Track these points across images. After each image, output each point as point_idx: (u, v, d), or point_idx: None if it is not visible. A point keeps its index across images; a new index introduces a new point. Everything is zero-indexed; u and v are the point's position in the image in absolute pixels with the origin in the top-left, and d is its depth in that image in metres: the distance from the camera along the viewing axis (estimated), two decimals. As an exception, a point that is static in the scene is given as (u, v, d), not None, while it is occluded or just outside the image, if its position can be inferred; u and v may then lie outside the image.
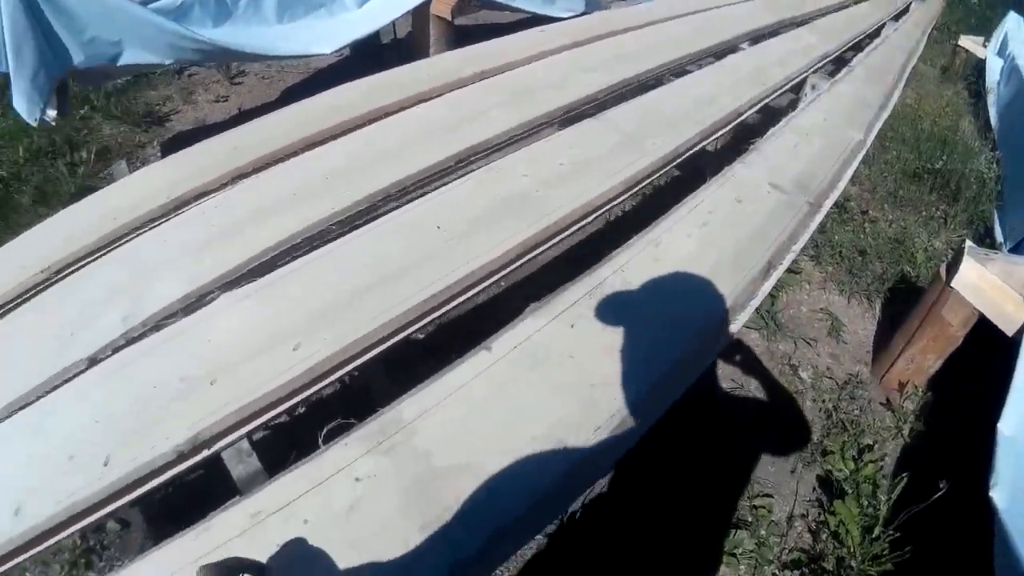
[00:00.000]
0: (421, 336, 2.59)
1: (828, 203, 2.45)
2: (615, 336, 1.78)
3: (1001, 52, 7.63)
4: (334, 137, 2.52)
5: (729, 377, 2.84)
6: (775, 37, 4.42)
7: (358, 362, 1.77)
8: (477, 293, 1.95)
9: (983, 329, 2.47)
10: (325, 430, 1.68)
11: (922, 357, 2.75)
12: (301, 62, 4.47)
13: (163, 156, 4.42)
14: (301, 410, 1.77)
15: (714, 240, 2.12)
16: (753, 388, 2.85)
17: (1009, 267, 2.39)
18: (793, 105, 3.72)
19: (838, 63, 4.34)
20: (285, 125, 2.60)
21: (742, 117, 2.98)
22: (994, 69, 7.39)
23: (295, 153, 2.45)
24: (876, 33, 5.64)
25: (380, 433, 1.57)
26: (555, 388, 1.64)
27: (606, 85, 2.87)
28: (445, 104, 2.63)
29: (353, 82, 2.83)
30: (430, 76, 2.81)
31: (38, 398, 1.87)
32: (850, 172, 2.72)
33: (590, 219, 2.17)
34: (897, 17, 6.46)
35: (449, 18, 4.14)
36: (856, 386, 2.98)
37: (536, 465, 1.51)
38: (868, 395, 2.98)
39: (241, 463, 1.67)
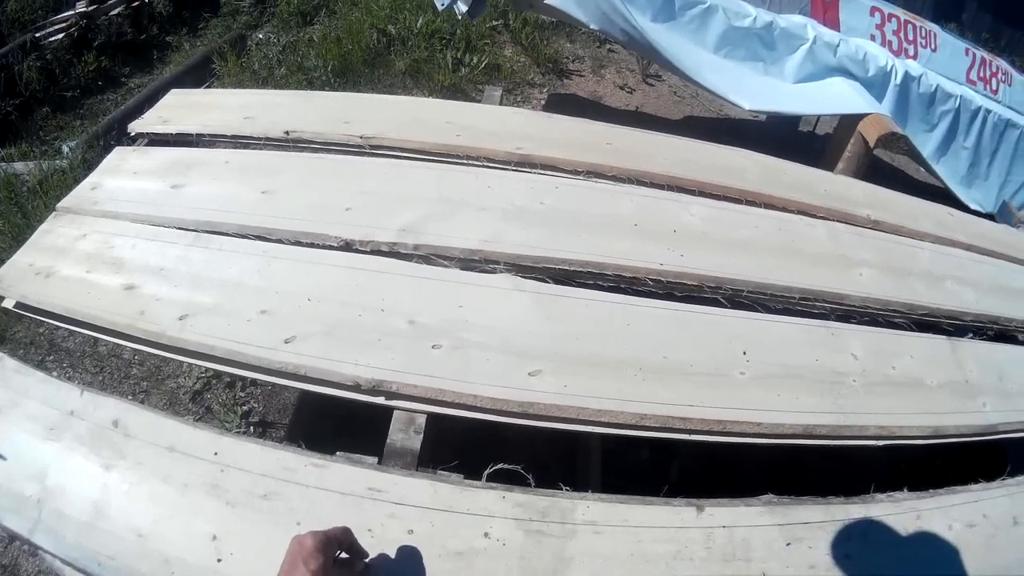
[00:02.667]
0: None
1: None
2: None
3: None
4: (710, 195, 2.35)
5: None
6: None
7: (577, 428, 1.60)
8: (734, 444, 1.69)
9: None
10: (495, 467, 1.52)
11: None
12: (717, 99, 4.33)
13: (547, 107, 4.50)
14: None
15: (971, 547, 1.72)
16: None
17: None
18: None
19: None
20: (668, 152, 2.47)
21: None
22: None
23: (669, 187, 2.33)
24: None
25: (541, 512, 1.42)
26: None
27: (980, 311, 2.45)
28: (825, 230, 2.35)
29: (747, 151, 2.61)
30: (824, 192, 2.53)
31: (280, 241, 1.97)
32: None
33: (880, 443, 1.83)
34: None
35: (871, 143, 3.82)
36: None
37: None
38: None
39: (404, 433, 1.58)
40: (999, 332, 2.57)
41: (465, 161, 2.29)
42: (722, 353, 1.80)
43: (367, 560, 1.27)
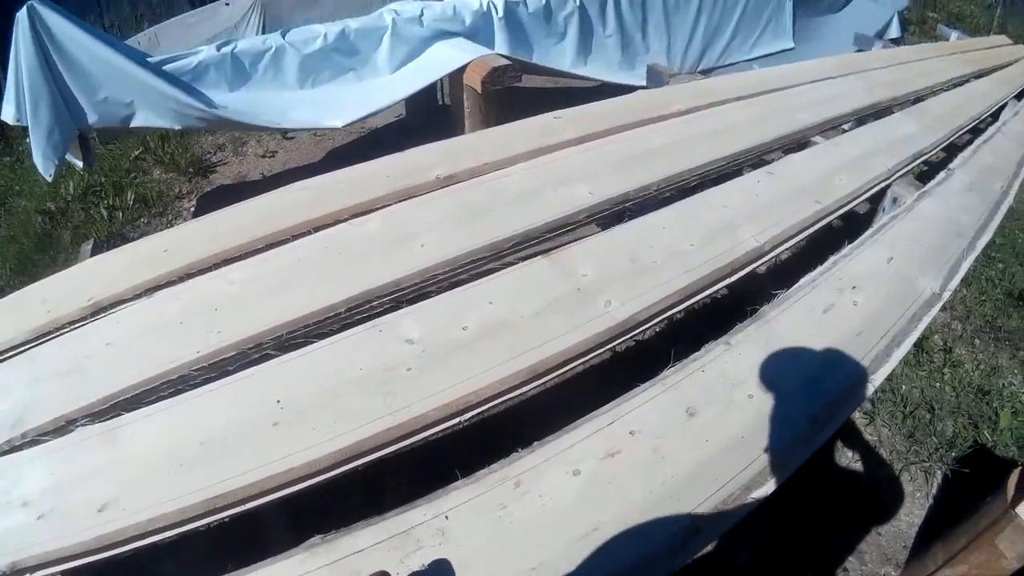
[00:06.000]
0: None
1: (844, 415, 1.88)
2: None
3: None
4: (254, 252, 2.22)
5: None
6: (864, 125, 3.72)
7: (143, 542, 1.54)
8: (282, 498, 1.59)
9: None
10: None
11: (960, 584, 2.17)
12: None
13: (197, 212, 4.37)
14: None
15: (660, 463, 1.64)
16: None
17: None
18: (861, 222, 3.05)
19: (935, 163, 3.57)
20: (216, 231, 2.34)
21: (764, 259, 2.39)
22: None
23: (216, 265, 2.20)
24: (994, 116, 4.71)
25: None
26: None
27: (593, 202, 2.40)
28: (378, 221, 2.27)
29: (302, 183, 2.50)
30: (389, 177, 2.46)
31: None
32: (902, 351, 2.11)
33: (467, 417, 1.73)
34: (1020, 95, 5.47)
35: (479, 88, 3.76)
36: (874, 597, 2.41)
37: None
38: (887, 613, 2.40)
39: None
40: (635, 209, 2.53)
41: (55, 334, 2.11)
42: (256, 411, 1.70)
43: None
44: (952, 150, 3.82)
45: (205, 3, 5.12)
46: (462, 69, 3.87)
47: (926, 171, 3.37)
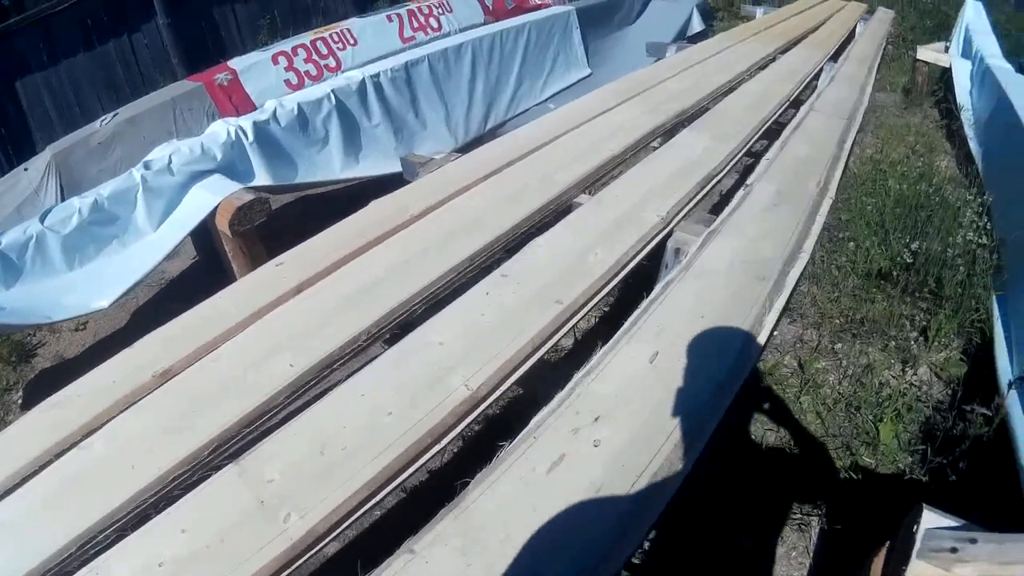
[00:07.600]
0: None
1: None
2: None
3: (966, 52, 6.43)
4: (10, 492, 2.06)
5: None
6: (640, 162, 3.49)
7: None
8: None
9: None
10: None
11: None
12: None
13: (25, 403, 4.29)
14: None
15: None
16: None
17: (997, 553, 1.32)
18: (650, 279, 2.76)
19: (740, 173, 3.39)
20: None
21: (480, 408, 2.16)
22: (962, 76, 6.15)
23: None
24: (811, 89, 4.71)
25: None
26: None
27: (294, 376, 2.25)
28: (103, 441, 2.13)
29: (58, 394, 2.35)
30: (115, 384, 2.33)
31: None
32: (671, 489, 1.79)
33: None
34: (837, 54, 5.49)
35: (230, 233, 3.70)
36: None
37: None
38: None
39: None
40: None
41: None
42: None
43: None
44: (757, 152, 3.61)
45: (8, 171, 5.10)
46: (214, 212, 3.80)
47: (727, 191, 3.16)
